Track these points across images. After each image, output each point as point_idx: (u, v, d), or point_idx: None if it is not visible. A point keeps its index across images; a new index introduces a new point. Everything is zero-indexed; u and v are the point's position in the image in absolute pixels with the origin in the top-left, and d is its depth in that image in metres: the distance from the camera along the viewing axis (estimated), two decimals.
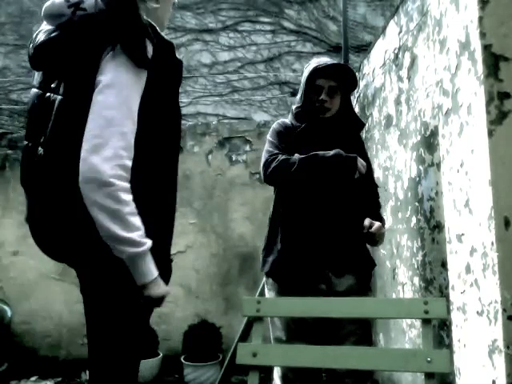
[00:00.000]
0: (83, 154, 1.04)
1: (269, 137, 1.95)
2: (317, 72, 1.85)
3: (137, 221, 1.08)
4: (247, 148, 3.76)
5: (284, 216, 1.89)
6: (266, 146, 1.91)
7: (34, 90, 1.24)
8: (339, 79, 1.88)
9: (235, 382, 3.13)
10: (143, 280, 1.12)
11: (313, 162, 1.76)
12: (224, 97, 5.66)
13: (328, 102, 1.88)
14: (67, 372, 3.47)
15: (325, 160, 1.76)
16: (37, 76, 1.25)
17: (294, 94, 5.62)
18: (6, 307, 3.48)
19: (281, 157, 1.81)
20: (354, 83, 1.91)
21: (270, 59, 5.76)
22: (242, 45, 5.76)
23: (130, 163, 1.07)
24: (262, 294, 2.78)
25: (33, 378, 3.41)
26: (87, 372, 1.24)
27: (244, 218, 3.65)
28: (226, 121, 5.28)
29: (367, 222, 1.78)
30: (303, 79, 1.91)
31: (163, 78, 1.17)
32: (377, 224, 1.77)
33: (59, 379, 3.42)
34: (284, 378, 1.80)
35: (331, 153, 1.77)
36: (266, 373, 1.92)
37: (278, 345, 1.84)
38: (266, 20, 5.78)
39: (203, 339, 3.20)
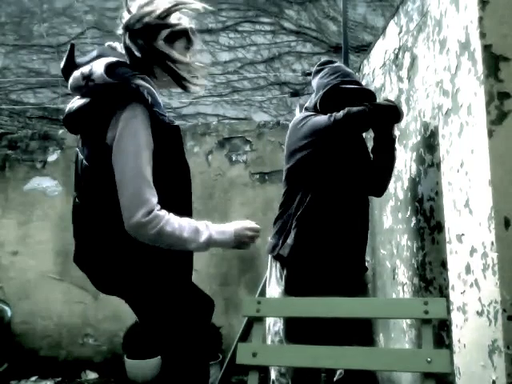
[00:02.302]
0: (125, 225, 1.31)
1: (311, 118, 2.00)
2: (341, 89, 1.98)
3: (188, 229, 1.35)
4: (247, 148, 3.76)
5: (316, 211, 1.95)
6: (314, 117, 1.98)
7: (76, 149, 1.53)
8: (356, 97, 2.00)
9: (235, 382, 3.13)
10: (230, 247, 1.46)
11: (378, 106, 1.93)
12: (224, 97, 5.66)
13: None
14: (67, 372, 3.47)
15: (385, 106, 1.95)
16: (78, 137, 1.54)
17: (293, 94, 5.62)
18: (6, 307, 3.48)
19: (346, 109, 1.89)
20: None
21: (270, 59, 5.76)
22: (241, 45, 5.76)
23: (152, 210, 1.30)
24: (262, 293, 2.78)
25: (33, 378, 3.41)
26: (87, 372, 1.32)
27: (244, 218, 3.64)
28: (226, 121, 5.28)
29: None
30: (323, 90, 2.00)
31: (161, 146, 1.37)
32: None
33: (59, 379, 3.41)
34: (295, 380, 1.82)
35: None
36: (265, 373, 1.92)
37: (278, 345, 1.84)
38: (266, 20, 5.79)
39: None
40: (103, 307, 3.56)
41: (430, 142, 1.92)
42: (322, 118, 1.93)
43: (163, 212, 1.32)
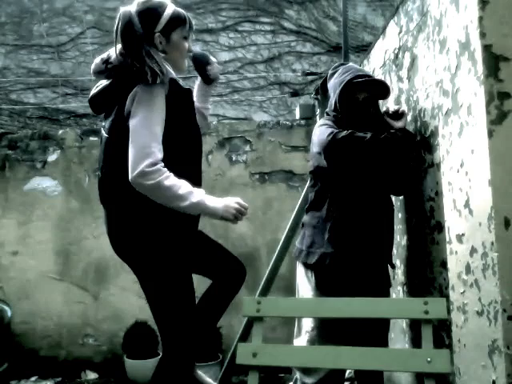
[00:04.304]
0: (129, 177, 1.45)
1: (322, 128, 2.00)
2: (355, 84, 1.97)
3: (184, 189, 1.47)
4: (247, 148, 3.76)
5: (339, 211, 1.94)
6: (324, 128, 1.97)
7: (101, 128, 1.69)
8: (370, 90, 2.01)
9: (235, 382, 3.13)
10: (218, 215, 1.54)
11: (386, 139, 1.87)
12: (224, 97, 5.66)
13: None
14: (67, 372, 3.47)
15: (397, 137, 1.88)
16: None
17: (293, 94, 5.61)
18: (6, 307, 3.48)
19: (350, 131, 1.88)
20: (385, 95, 2.07)
21: (270, 59, 5.76)
22: (242, 45, 5.76)
23: (156, 163, 1.44)
24: (262, 293, 2.78)
25: (33, 378, 3.41)
26: (87, 372, 1.34)
27: (244, 218, 3.64)
28: (226, 121, 5.28)
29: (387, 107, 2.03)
30: (339, 88, 2.00)
31: (177, 107, 1.54)
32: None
33: (59, 379, 3.42)
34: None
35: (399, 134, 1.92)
36: (265, 373, 1.92)
37: (277, 345, 1.84)
38: (266, 20, 5.78)
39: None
40: (103, 307, 3.56)
41: (430, 142, 1.92)
42: (325, 133, 1.93)
43: (165, 169, 1.46)
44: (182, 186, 1.47)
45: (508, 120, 1.30)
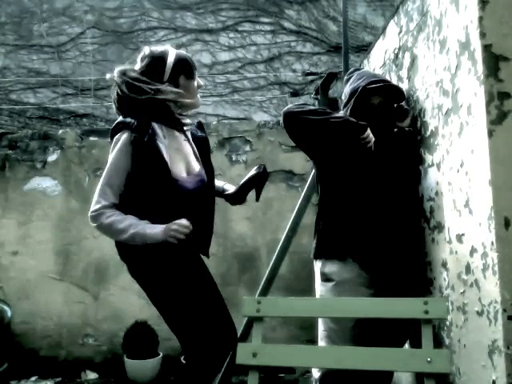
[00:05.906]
0: None
1: None
2: (370, 90, 1.96)
3: (124, 223, 1.59)
4: (247, 148, 3.76)
5: (349, 204, 1.94)
6: None
7: None
8: (385, 94, 2.01)
9: (235, 382, 3.12)
10: (159, 239, 1.58)
11: (332, 115, 1.87)
12: (224, 97, 5.66)
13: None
14: (67, 372, 3.46)
15: (339, 118, 1.88)
16: None
17: (293, 94, 5.61)
18: (6, 307, 3.47)
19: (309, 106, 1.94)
20: (400, 99, 2.06)
21: (270, 59, 5.76)
22: (241, 45, 5.76)
23: (99, 209, 1.61)
24: (263, 293, 2.78)
25: (33, 378, 3.41)
26: (87, 372, 1.37)
27: (244, 218, 3.65)
28: (225, 121, 5.28)
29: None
30: (355, 95, 1.99)
31: (139, 157, 1.64)
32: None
33: (59, 379, 3.41)
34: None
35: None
36: (265, 373, 1.92)
37: (277, 345, 1.84)
38: (266, 20, 5.78)
39: None
40: (103, 307, 3.56)
41: (430, 142, 1.92)
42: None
43: (109, 210, 1.61)
44: (122, 221, 1.59)
45: (508, 120, 1.30)
